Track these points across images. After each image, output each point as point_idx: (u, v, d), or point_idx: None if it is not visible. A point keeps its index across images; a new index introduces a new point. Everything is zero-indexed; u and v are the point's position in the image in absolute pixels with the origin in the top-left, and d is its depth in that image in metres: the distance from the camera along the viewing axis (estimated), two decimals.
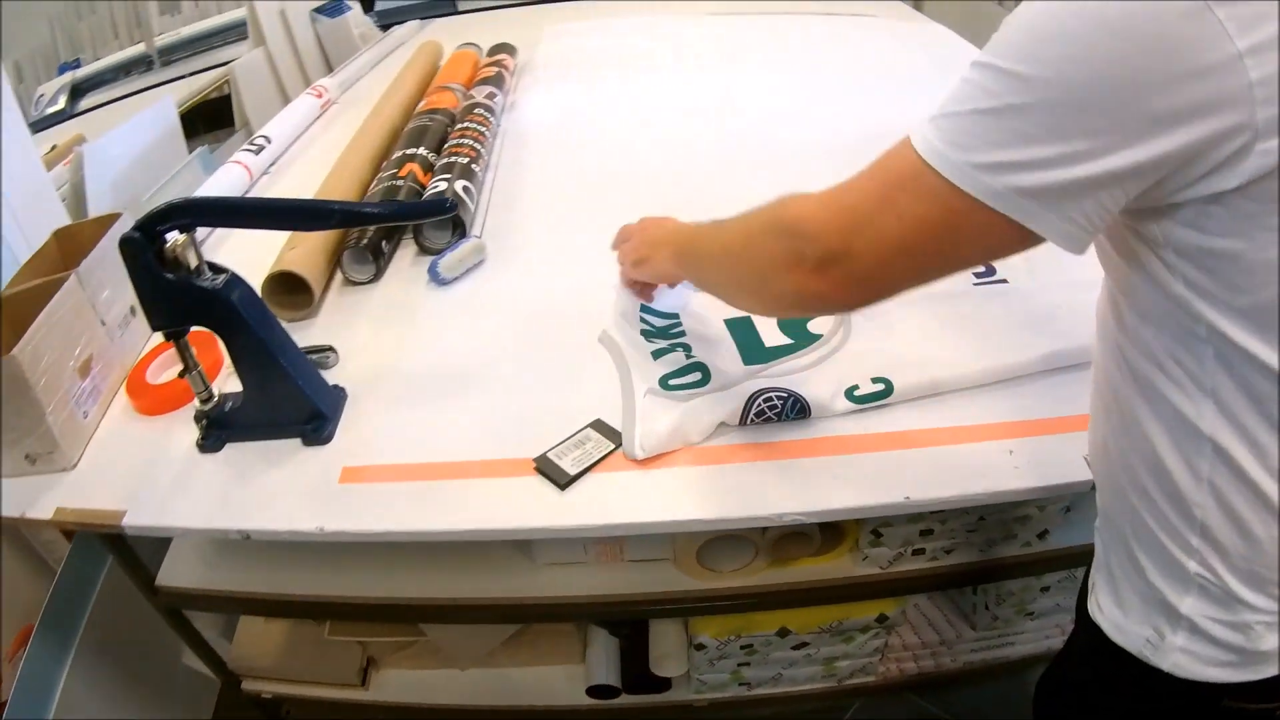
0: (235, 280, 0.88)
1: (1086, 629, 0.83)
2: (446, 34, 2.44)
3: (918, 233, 0.63)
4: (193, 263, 0.85)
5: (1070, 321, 1.06)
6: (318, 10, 2.59)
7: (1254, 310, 0.59)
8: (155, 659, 1.34)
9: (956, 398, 0.99)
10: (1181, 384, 0.65)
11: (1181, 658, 0.73)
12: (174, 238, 0.84)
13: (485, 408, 0.98)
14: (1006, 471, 0.90)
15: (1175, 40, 0.50)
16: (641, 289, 1.13)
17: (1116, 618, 0.79)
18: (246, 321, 0.88)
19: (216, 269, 0.88)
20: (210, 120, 2.49)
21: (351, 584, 1.08)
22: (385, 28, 2.74)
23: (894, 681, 1.35)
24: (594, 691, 1.28)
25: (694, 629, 1.22)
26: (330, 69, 2.53)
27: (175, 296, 0.85)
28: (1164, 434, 0.68)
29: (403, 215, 0.99)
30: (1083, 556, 0.95)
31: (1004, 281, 1.18)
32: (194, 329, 0.89)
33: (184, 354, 0.90)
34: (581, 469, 0.87)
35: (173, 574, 1.10)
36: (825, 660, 1.28)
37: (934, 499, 0.87)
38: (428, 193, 1.33)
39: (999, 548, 1.13)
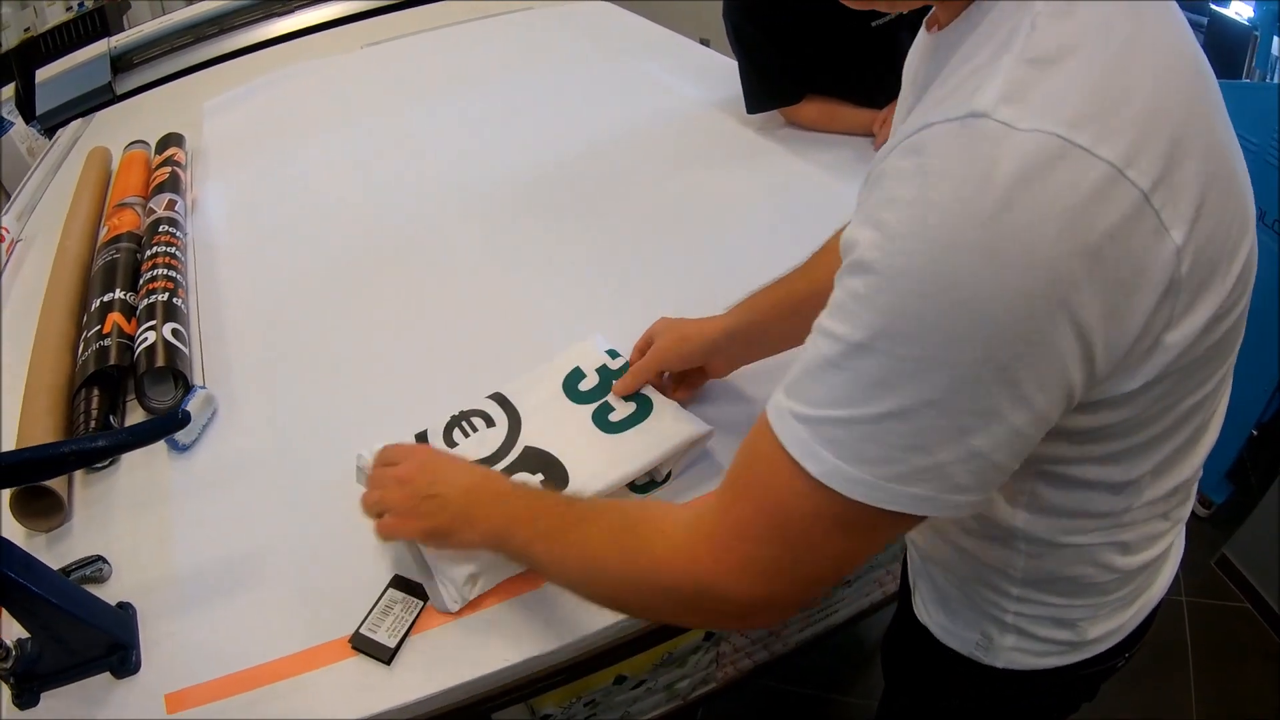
0: None
1: (914, 627, 0.93)
2: (111, 127, 2.46)
3: (842, 561, 0.64)
4: None
5: None
6: None
7: (1101, 454, 0.65)
8: None
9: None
10: (996, 501, 0.72)
11: (1014, 655, 0.83)
12: None
13: (279, 592, 1.03)
14: None
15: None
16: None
17: (943, 621, 0.88)
18: (16, 581, 0.89)
19: None
20: None
21: None
22: (51, 132, 2.67)
23: (734, 680, 1.50)
24: None
25: (536, 703, 1.33)
26: (7, 193, 2.49)
27: None
28: (978, 538, 0.77)
29: (140, 439, 1.03)
30: None
31: None
32: None
33: None
34: (399, 638, 0.94)
35: None
36: (666, 687, 1.41)
37: None
38: (137, 346, 1.34)
39: None
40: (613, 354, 1.21)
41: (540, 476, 1.07)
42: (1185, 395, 0.63)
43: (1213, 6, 2.36)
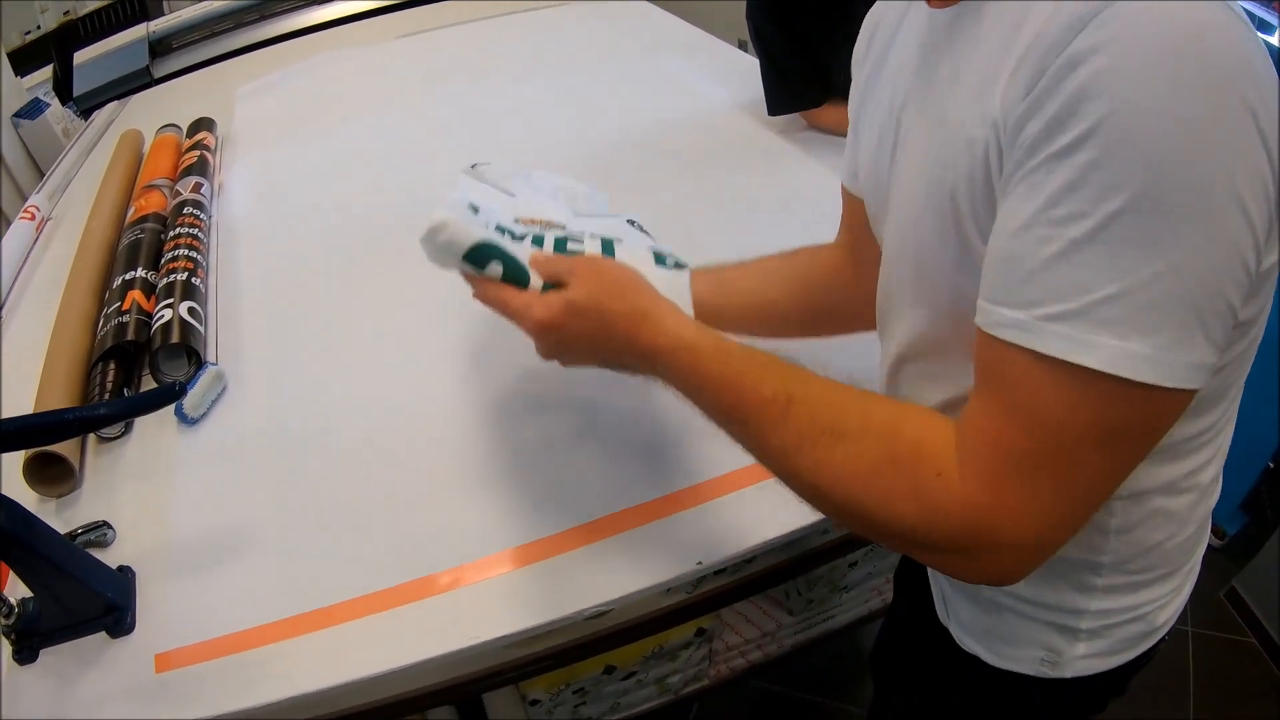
0: (2, 501, 0.94)
1: (952, 654, 0.89)
2: (146, 110, 2.55)
3: (1106, 484, 0.59)
4: None
5: None
6: (16, 115, 2.64)
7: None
8: None
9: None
10: None
11: (1084, 662, 0.80)
12: None
13: (270, 562, 1.08)
14: (796, 505, 1.06)
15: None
16: None
17: (996, 646, 0.84)
18: (22, 540, 0.93)
19: None
20: None
21: None
22: (87, 114, 2.77)
23: (727, 679, 1.52)
24: None
25: (525, 688, 1.37)
26: (41, 173, 2.57)
27: None
28: None
29: (140, 408, 1.10)
30: None
31: None
32: None
33: None
34: None
35: None
36: (657, 681, 1.45)
37: (728, 555, 1.01)
38: (154, 322, 1.40)
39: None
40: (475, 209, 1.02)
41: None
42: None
43: (1261, 36, 2.35)
